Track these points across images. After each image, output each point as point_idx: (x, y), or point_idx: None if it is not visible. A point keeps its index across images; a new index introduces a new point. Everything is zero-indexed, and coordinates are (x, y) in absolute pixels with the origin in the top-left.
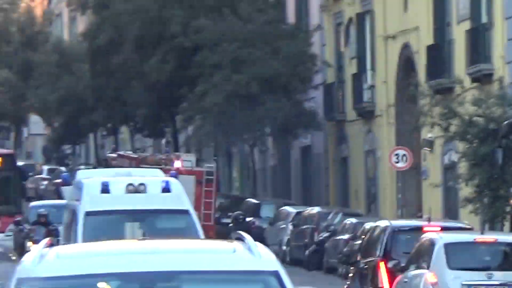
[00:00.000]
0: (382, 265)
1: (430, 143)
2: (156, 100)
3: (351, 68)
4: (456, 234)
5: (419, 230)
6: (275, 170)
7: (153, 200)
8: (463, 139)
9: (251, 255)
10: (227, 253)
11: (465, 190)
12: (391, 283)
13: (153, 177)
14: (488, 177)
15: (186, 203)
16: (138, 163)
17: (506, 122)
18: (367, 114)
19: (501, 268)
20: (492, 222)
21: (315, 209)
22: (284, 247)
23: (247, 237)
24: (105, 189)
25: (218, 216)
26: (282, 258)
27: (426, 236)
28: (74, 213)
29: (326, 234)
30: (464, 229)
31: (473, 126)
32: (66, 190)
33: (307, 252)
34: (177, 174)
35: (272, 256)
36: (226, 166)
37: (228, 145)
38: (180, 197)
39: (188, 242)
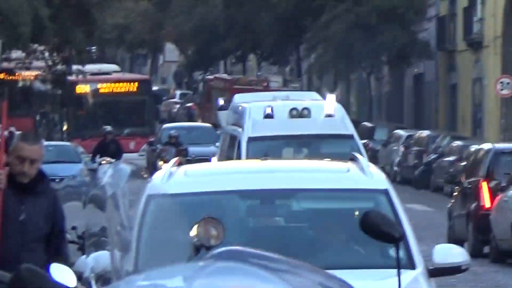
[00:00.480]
0: (484, 184)
1: None
2: (282, 30)
3: (462, 2)
4: None
5: None
6: (389, 96)
7: (317, 125)
8: None
9: (363, 175)
10: (341, 172)
11: None
12: (492, 201)
13: (316, 100)
14: None
15: (350, 128)
16: (231, 84)
17: None
18: (475, 45)
19: None
20: None
21: (424, 133)
22: (395, 168)
23: (360, 157)
24: (268, 114)
25: None
26: (393, 177)
27: None
28: (234, 138)
29: (434, 156)
30: None
31: None
32: (222, 114)
33: (416, 172)
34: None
35: (383, 176)
36: (345, 92)
37: (347, 72)
38: (344, 122)
39: (306, 162)
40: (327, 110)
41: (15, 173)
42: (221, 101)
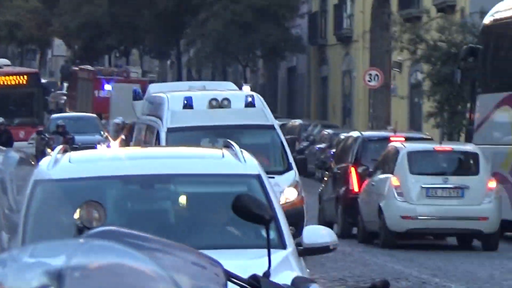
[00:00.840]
0: (353, 170)
1: (399, 65)
2: (163, 26)
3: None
4: (418, 143)
5: (386, 140)
6: (264, 88)
7: (237, 115)
8: (427, 62)
9: (237, 161)
10: (216, 158)
11: (428, 106)
12: (360, 185)
13: (235, 91)
14: (448, 95)
15: (270, 118)
16: (94, 74)
17: (465, 47)
18: (345, 39)
19: (455, 173)
20: (450, 134)
21: (297, 122)
22: None
23: (234, 144)
24: (188, 104)
25: None
26: None
27: (391, 145)
28: (151, 129)
29: (306, 143)
30: (425, 139)
31: (437, 50)
32: (137, 104)
33: None
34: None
35: (255, 162)
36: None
37: (224, 66)
38: (265, 112)
39: (184, 149)
40: (248, 99)
41: None
42: (135, 91)
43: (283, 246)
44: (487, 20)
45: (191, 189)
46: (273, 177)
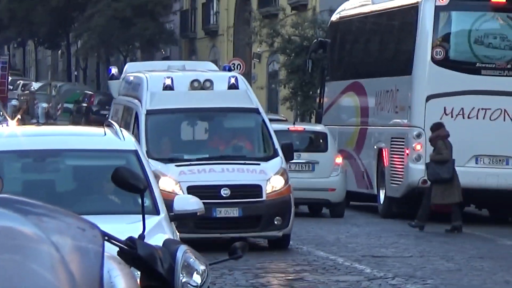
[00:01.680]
0: None
1: (259, 56)
2: (55, 21)
3: None
4: (274, 124)
5: None
6: None
7: (220, 97)
8: (283, 53)
9: (117, 138)
10: (99, 136)
11: (284, 92)
12: None
13: (216, 72)
14: (301, 82)
15: (254, 101)
16: None
17: (315, 40)
18: (212, 33)
19: (307, 150)
20: (303, 115)
21: None
22: None
23: (115, 124)
24: (168, 85)
25: (97, 109)
26: None
27: None
28: (129, 110)
29: None
30: (281, 121)
31: (291, 43)
32: (113, 84)
33: None
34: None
35: (133, 139)
36: (106, 73)
37: (107, 55)
38: (249, 95)
39: (72, 127)
40: (231, 80)
41: None
42: (113, 70)
43: (157, 213)
44: (334, 17)
45: (77, 162)
46: (259, 164)
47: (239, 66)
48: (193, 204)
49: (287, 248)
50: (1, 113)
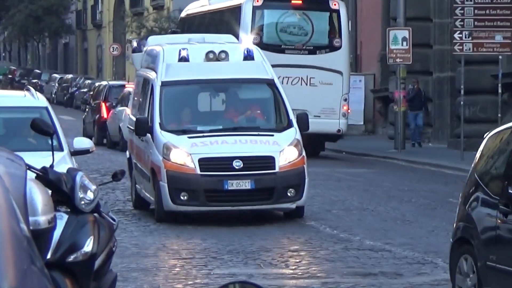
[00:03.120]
0: (103, 104)
1: (130, 41)
2: None
3: (90, 1)
4: None
5: (122, 86)
6: (49, 56)
7: (235, 68)
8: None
9: (33, 98)
10: (20, 97)
11: None
12: (108, 114)
13: (233, 43)
14: None
15: (270, 72)
16: None
17: (169, 30)
18: (98, 26)
19: None
20: None
21: (69, 76)
22: (53, 95)
23: (32, 88)
24: (183, 57)
25: (19, 79)
26: (52, 100)
27: (126, 90)
28: (147, 82)
29: (75, 89)
30: None
31: (153, 33)
32: (136, 57)
33: (65, 97)
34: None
35: (45, 100)
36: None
37: (26, 43)
38: (264, 66)
39: (1, 91)
40: (246, 52)
41: None
42: (134, 43)
43: (62, 150)
44: (183, 14)
45: (5, 115)
46: (272, 135)
47: (117, 49)
48: (86, 143)
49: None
50: None
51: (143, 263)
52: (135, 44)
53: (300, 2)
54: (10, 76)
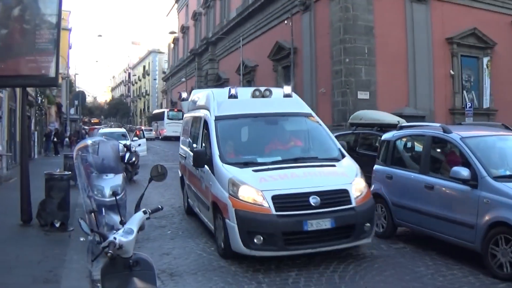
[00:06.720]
0: None
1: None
2: None
3: None
4: None
5: None
6: None
7: (279, 104)
8: None
9: None
10: None
11: None
12: None
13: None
14: None
15: (306, 107)
16: None
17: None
18: None
19: None
20: None
21: None
22: None
23: None
24: (233, 94)
25: None
26: None
27: None
28: (198, 120)
29: None
30: None
31: None
32: (184, 104)
33: None
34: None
35: None
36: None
37: None
38: (301, 102)
39: None
40: (285, 91)
41: None
42: (183, 94)
43: None
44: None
45: None
46: (334, 165)
47: None
48: None
49: None
50: None
51: None
52: (184, 95)
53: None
54: None
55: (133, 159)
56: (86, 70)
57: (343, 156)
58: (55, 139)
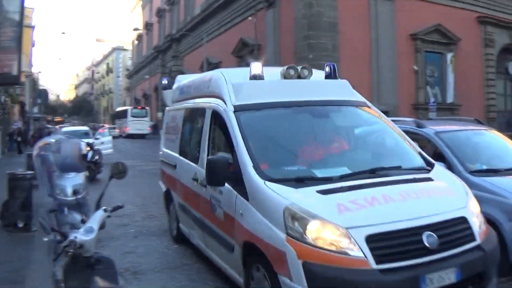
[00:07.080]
0: None
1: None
2: None
3: None
4: None
5: None
6: None
7: (323, 88)
8: None
9: None
10: None
11: None
12: None
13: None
14: None
15: (358, 94)
16: None
17: None
18: None
19: None
20: None
21: None
22: None
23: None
24: (256, 74)
25: None
26: None
27: None
28: (200, 111)
29: None
30: None
31: None
32: (167, 93)
33: None
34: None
35: None
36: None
37: None
38: (349, 87)
39: None
40: (327, 70)
41: None
42: (165, 81)
43: None
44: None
45: None
46: (431, 179)
47: None
48: None
49: None
50: None
51: None
52: (165, 81)
53: None
54: None
55: (96, 157)
56: (49, 68)
57: (428, 164)
58: (18, 139)
